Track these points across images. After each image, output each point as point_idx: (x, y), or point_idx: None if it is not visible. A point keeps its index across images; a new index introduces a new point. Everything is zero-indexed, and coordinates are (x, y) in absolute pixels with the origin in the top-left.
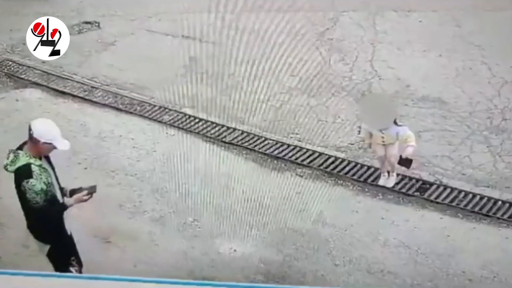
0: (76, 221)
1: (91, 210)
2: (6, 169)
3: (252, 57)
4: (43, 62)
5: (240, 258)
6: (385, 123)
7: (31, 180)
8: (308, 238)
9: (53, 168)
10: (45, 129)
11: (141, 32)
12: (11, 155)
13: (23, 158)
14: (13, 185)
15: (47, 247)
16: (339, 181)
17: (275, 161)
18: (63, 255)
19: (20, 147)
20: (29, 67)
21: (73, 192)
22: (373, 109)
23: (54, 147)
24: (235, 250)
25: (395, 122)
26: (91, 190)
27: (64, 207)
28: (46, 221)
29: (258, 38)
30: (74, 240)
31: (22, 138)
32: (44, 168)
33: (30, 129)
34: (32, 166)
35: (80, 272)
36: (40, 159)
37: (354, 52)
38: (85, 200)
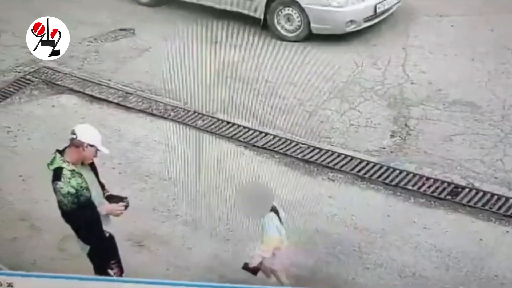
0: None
1: (125, 214)
2: (48, 168)
3: (284, 62)
4: (79, 68)
5: None
6: (258, 213)
7: (59, 182)
8: (339, 242)
9: (96, 175)
10: (88, 133)
11: (175, 38)
12: (52, 156)
13: (57, 161)
14: (48, 189)
15: (87, 247)
16: (371, 185)
17: (307, 165)
18: (101, 257)
19: (63, 150)
20: (65, 73)
21: (109, 198)
22: (249, 196)
23: (97, 150)
24: None
25: (276, 212)
26: (126, 204)
27: (96, 213)
28: (79, 223)
29: (291, 43)
30: (115, 243)
31: (58, 143)
32: (78, 173)
33: (73, 134)
34: (64, 169)
35: (120, 276)
36: (78, 165)
37: (386, 57)
38: (118, 213)
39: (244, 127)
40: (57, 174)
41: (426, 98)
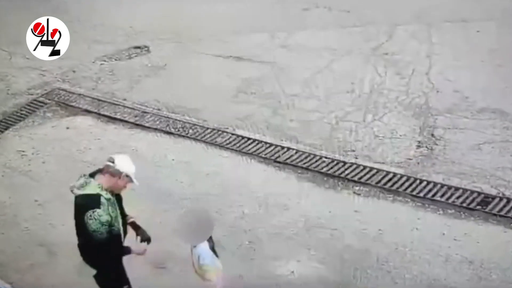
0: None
1: None
2: (72, 191)
3: (305, 75)
4: (93, 88)
5: (298, 280)
6: (197, 239)
7: (98, 210)
8: (367, 257)
9: (121, 207)
10: (128, 163)
11: (191, 54)
12: (82, 179)
13: (94, 188)
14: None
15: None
16: (398, 198)
17: (332, 180)
18: (110, 281)
19: (92, 175)
20: (79, 94)
21: (132, 225)
22: (190, 222)
23: (130, 182)
24: (292, 272)
25: (211, 243)
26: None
27: (129, 251)
28: (103, 252)
29: (311, 56)
30: (124, 268)
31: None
32: (112, 202)
33: (111, 162)
34: (102, 197)
35: None
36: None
37: (410, 66)
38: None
39: (265, 143)
40: (95, 201)
41: (453, 107)
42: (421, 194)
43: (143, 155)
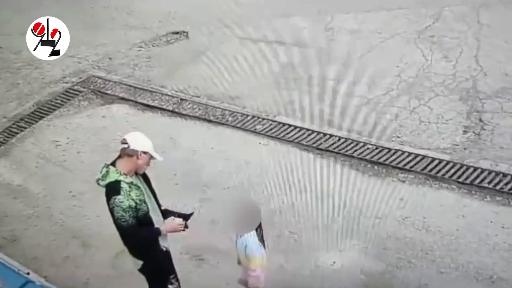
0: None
1: None
2: (98, 183)
3: (349, 59)
4: (130, 76)
5: (340, 270)
6: (244, 229)
7: (118, 196)
8: (411, 246)
9: (151, 189)
10: (141, 140)
11: (231, 39)
12: (103, 170)
13: (113, 175)
14: (100, 205)
15: (140, 262)
16: (443, 185)
17: (375, 167)
18: (160, 272)
19: (113, 163)
20: (115, 82)
21: (166, 213)
22: (237, 210)
23: (151, 158)
24: (334, 262)
25: (260, 232)
26: (187, 218)
27: (159, 232)
28: (137, 239)
29: (355, 40)
30: (171, 257)
31: (110, 156)
32: (135, 185)
33: (124, 143)
34: (122, 182)
35: None
36: (133, 176)
37: (458, 49)
38: (179, 231)
39: (307, 130)
40: (115, 188)
41: (502, 90)
42: (468, 181)
43: (181, 144)
